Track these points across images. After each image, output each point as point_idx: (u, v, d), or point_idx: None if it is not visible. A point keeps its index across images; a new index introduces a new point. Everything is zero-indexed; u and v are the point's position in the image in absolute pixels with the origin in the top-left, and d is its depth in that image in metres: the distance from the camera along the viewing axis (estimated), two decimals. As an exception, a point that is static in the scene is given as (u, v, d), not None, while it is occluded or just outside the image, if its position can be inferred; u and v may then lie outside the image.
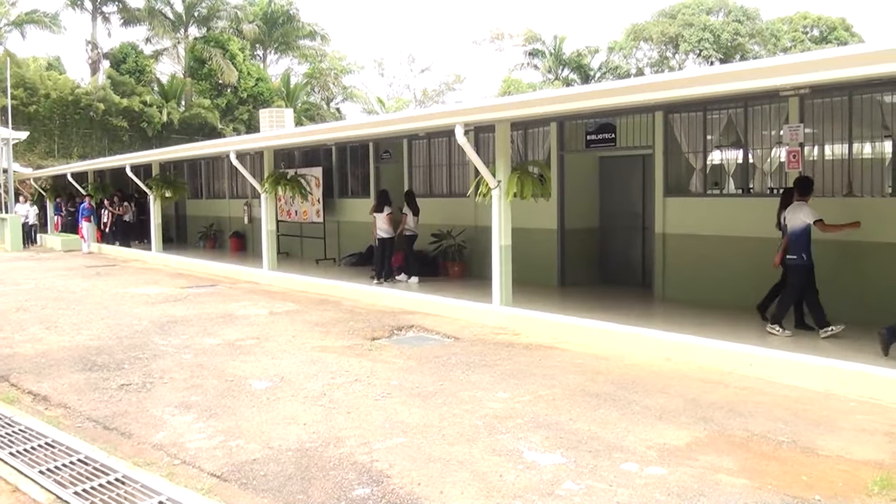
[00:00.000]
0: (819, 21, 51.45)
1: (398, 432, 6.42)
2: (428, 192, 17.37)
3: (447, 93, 57.29)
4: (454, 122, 11.39)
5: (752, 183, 12.15)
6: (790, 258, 9.60)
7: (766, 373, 8.14)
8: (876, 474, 5.38)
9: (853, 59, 7.41)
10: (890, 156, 10.68)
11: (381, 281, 15.20)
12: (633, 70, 51.05)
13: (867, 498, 5.06)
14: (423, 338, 10.72)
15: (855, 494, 5.11)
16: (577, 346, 9.75)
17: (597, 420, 6.68)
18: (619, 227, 14.63)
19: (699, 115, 12.21)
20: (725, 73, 8.84)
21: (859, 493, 5.13)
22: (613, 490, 5.16)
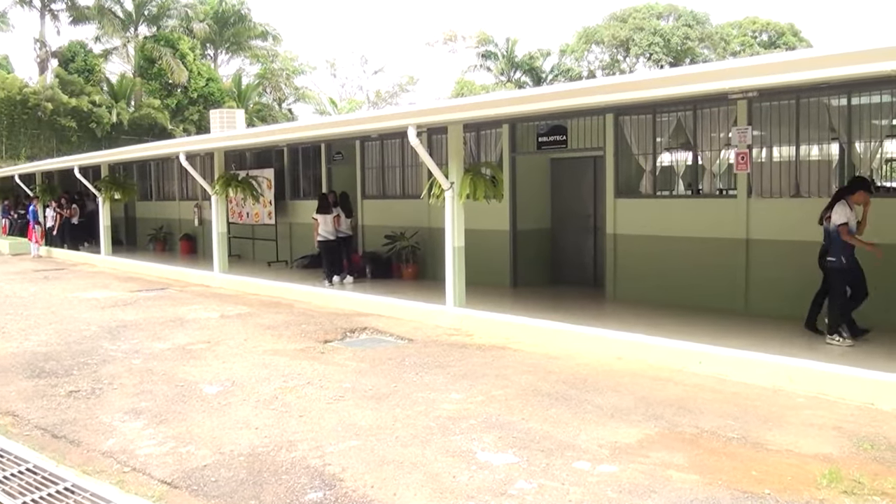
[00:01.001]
0: (768, 26, 52.39)
1: (351, 435, 6.40)
2: (381, 194, 17.34)
3: (400, 94, 57.25)
4: (407, 124, 11.39)
5: (701, 184, 12.33)
6: (829, 260, 9.11)
7: (715, 370, 8.27)
8: (824, 468, 5.50)
9: (800, 63, 7.58)
10: (837, 158, 10.93)
11: (328, 281, 15.34)
12: (585, 73, 51.50)
13: (816, 491, 5.16)
14: (377, 340, 10.69)
15: (804, 488, 5.21)
16: (530, 347, 9.81)
17: (549, 419, 6.73)
18: (571, 228, 14.75)
19: (649, 117, 12.36)
20: (675, 76, 8.97)
21: (808, 487, 5.23)
22: (566, 488, 5.20)
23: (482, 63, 53.16)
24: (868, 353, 8.32)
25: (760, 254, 11.04)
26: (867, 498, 5.03)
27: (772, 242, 10.91)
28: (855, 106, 10.33)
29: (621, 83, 9.48)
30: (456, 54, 63.60)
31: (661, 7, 50.83)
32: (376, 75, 64.58)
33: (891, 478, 5.35)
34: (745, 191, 11.24)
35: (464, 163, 12.03)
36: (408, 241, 15.88)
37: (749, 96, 10.49)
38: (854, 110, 10.34)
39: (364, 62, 59.81)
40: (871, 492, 5.12)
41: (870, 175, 10.70)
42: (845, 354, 8.29)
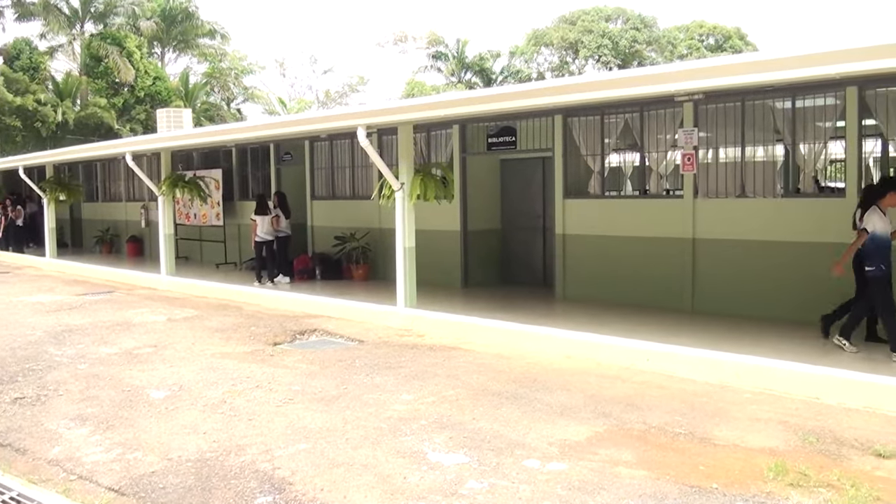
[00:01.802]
0: (715, 30, 53.18)
1: (301, 438, 6.35)
2: (331, 195, 17.26)
3: (350, 94, 56.96)
4: (356, 124, 11.35)
5: (648, 185, 12.49)
6: (868, 269, 8.46)
7: (663, 367, 8.39)
8: (771, 461, 5.60)
9: (745, 66, 7.73)
10: (781, 159, 11.16)
11: (271, 281, 15.43)
12: (535, 74, 51.78)
13: (763, 484, 5.26)
14: (327, 341, 10.63)
15: (751, 481, 5.31)
16: (481, 346, 9.84)
17: (500, 418, 6.75)
18: (521, 229, 14.83)
19: (597, 118, 12.49)
20: (622, 78, 9.08)
21: (755, 480, 5.33)
22: (516, 487, 5.22)
23: (433, 64, 53.17)
24: (812, 349, 8.51)
25: (706, 253, 11.23)
26: (813, 490, 5.14)
27: (717, 242, 11.10)
28: (799, 108, 10.56)
29: (570, 85, 9.56)
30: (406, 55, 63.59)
31: (610, 10, 51.33)
32: (326, 75, 64.28)
33: (836, 469, 5.47)
34: (691, 191, 11.41)
35: (414, 163, 12.02)
36: (358, 242, 15.82)
37: (695, 98, 10.66)
38: (798, 113, 10.57)
39: (314, 62, 59.51)
40: (817, 484, 5.23)
41: (814, 176, 10.97)
42: (793, 350, 8.45)
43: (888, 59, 6.51)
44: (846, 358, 8.13)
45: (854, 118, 9.98)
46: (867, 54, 6.62)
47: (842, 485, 5.20)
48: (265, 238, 15.46)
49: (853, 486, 5.14)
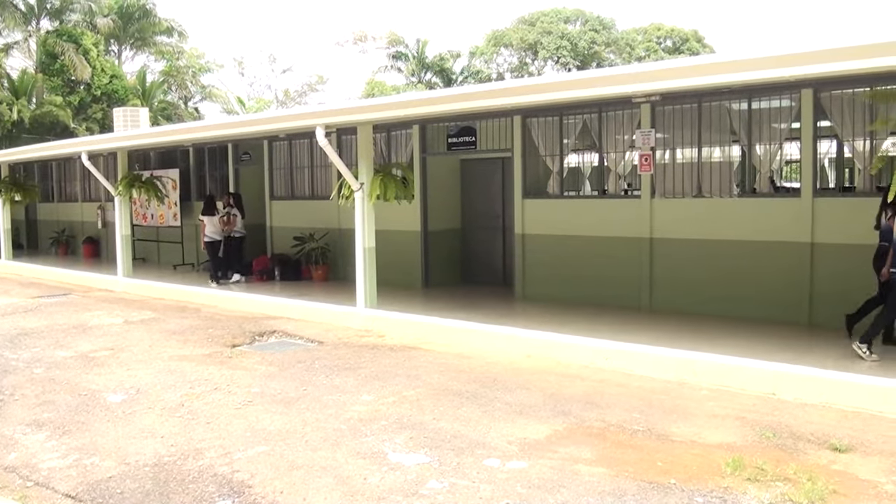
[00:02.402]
0: (672, 32, 53.72)
1: (260, 440, 6.30)
2: (290, 195, 17.15)
3: (310, 94, 56.59)
4: (315, 124, 11.30)
5: (606, 185, 12.59)
6: (892, 271, 8.18)
7: (622, 366, 8.47)
8: (728, 456, 5.68)
9: (702, 68, 7.84)
10: (738, 159, 11.31)
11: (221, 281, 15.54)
12: (494, 75, 51.88)
13: (721, 479, 5.33)
14: (286, 343, 10.56)
15: (709, 476, 5.38)
16: (441, 346, 9.84)
17: (460, 418, 6.77)
18: (481, 229, 14.86)
19: (556, 119, 12.56)
20: (581, 79, 9.17)
21: (713, 475, 5.40)
22: (476, 486, 5.24)
23: (393, 64, 53.05)
24: (768, 346, 8.63)
25: (664, 252, 11.35)
26: (770, 484, 5.22)
27: (675, 241, 11.23)
28: (755, 110, 10.72)
29: (529, 86, 9.61)
30: (366, 54, 63.36)
31: (569, 12, 51.62)
32: (285, 74, 63.82)
33: (792, 463, 5.57)
34: (648, 191, 11.53)
35: (374, 163, 11.99)
36: (317, 243, 15.74)
37: (652, 100, 10.77)
38: (754, 114, 10.72)
39: (272, 61, 58.88)
40: (774, 478, 5.32)
41: (770, 176, 11.14)
42: (749, 347, 8.56)
43: (842, 62, 6.64)
44: (801, 354, 8.26)
45: (809, 120, 10.15)
46: (821, 57, 6.75)
47: (798, 478, 5.29)
48: (214, 238, 15.58)
49: (810, 480, 5.23)
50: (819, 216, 10.01)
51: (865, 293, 9.25)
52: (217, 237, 15.64)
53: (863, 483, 5.27)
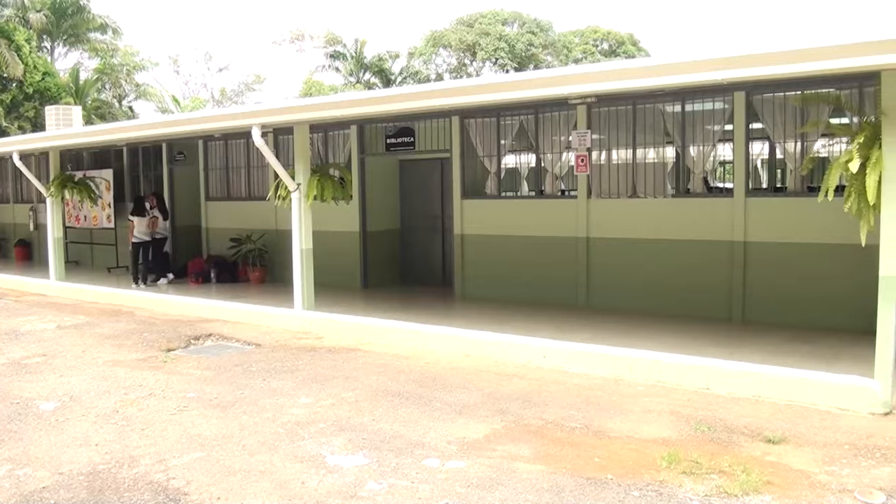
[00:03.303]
0: (608, 35, 54.42)
1: (196, 446, 6.19)
2: (226, 196, 16.92)
3: (246, 93, 55.92)
4: (251, 124, 11.15)
5: (544, 185, 12.70)
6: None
7: (559, 363, 8.54)
8: (664, 451, 5.78)
9: (636, 71, 7.95)
10: (672, 160, 11.52)
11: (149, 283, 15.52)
12: (433, 76, 51.94)
13: (657, 473, 5.41)
14: (223, 346, 10.40)
15: (645, 471, 5.46)
16: (380, 347, 9.81)
17: (399, 419, 6.75)
18: (420, 229, 14.86)
19: (493, 120, 12.62)
20: (518, 81, 9.22)
21: (649, 470, 5.48)
22: (415, 486, 5.22)
23: (330, 63, 52.69)
24: (702, 342, 8.80)
25: (600, 251, 11.50)
26: (705, 476, 5.32)
27: (610, 240, 11.39)
28: (689, 112, 10.93)
29: (467, 86, 9.63)
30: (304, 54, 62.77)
31: (507, 14, 51.92)
32: (221, 73, 62.97)
33: (727, 456, 5.68)
34: (585, 192, 11.67)
35: (311, 164, 11.89)
36: (254, 244, 15.57)
37: (588, 101, 10.87)
38: (688, 116, 10.94)
39: (208, 59, 58.06)
40: (709, 470, 5.42)
41: (703, 177, 11.37)
42: (683, 344, 8.71)
43: (772, 67, 6.80)
44: (734, 349, 8.43)
45: (742, 122, 10.39)
46: (753, 61, 6.89)
47: (733, 471, 5.39)
48: (142, 239, 15.53)
49: (744, 472, 5.34)
50: (751, 215, 10.26)
51: (796, 289, 9.52)
52: (146, 238, 15.58)
53: (796, 473, 5.40)
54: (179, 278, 16.14)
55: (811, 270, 9.81)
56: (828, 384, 7.04)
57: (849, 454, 5.76)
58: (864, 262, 7.79)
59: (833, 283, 9.61)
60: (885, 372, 6.74)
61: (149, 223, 15.57)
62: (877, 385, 6.76)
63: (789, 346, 8.79)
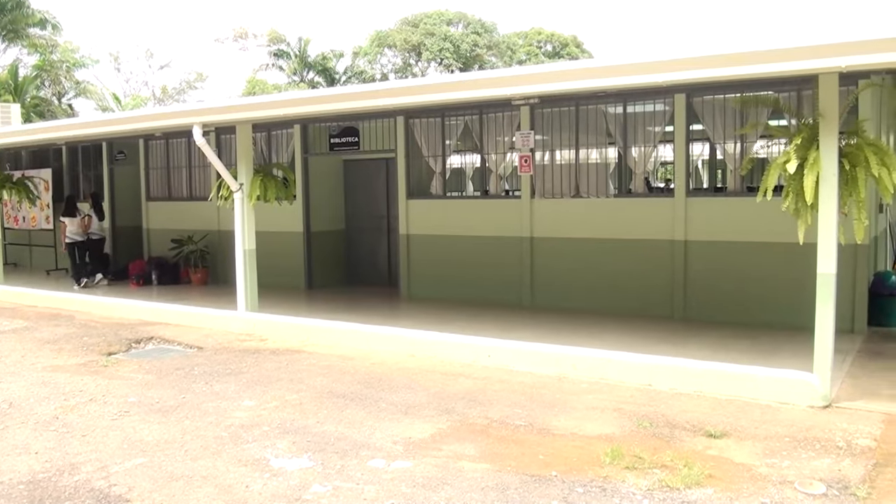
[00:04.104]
0: (552, 37, 54.86)
1: (137, 452, 6.08)
2: (167, 196, 16.66)
3: (188, 91, 55.03)
4: (192, 123, 10.99)
5: (488, 186, 12.76)
6: None
7: (504, 362, 8.58)
8: (607, 447, 5.83)
9: (579, 73, 8.04)
10: (614, 161, 11.67)
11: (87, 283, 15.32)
12: (378, 75, 51.80)
13: (600, 469, 5.47)
14: (164, 349, 10.24)
15: (589, 467, 5.51)
16: (325, 349, 9.75)
17: (344, 420, 6.72)
18: (365, 229, 14.82)
19: (438, 120, 12.64)
20: (463, 81, 9.25)
21: (593, 466, 5.53)
22: (360, 488, 5.20)
23: (274, 62, 52.16)
24: (644, 339, 8.93)
25: (544, 251, 11.60)
26: (648, 471, 5.39)
27: (554, 240, 11.49)
28: (630, 113, 11.08)
29: (412, 86, 9.63)
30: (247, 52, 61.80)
31: (451, 14, 52.01)
32: (163, 71, 61.91)
33: (669, 451, 5.77)
34: (528, 192, 11.75)
35: (254, 163, 11.77)
36: (196, 245, 15.36)
37: (531, 102, 10.97)
38: (630, 117, 11.09)
39: (150, 56, 56.93)
40: (651, 465, 5.50)
41: (645, 177, 11.53)
42: (626, 341, 8.82)
43: (712, 69, 6.94)
44: (676, 346, 8.58)
45: (682, 123, 10.58)
46: (692, 64, 7.01)
47: (675, 465, 5.48)
48: (75, 239, 15.31)
49: (686, 466, 5.43)
50: (692, 215, 10.44)
51: (736, 287, 9.72)
52: (79, 238, 15.36)
53: (737, 466, 5.50)
54: (120, 280, 15.83)
55: (751, 268, 10.02)
56: (768, 379, 7.19)
57: (789, 447, 5.89)
58: (802, 260, 7.97)
59: (772, 280, 9.83)
60: (824, 366, 6.91)
61: (80, 223, 15.33)
62: (815, 379, 6.93)
63: (730, 342, 8.98)
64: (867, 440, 6.01)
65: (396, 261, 13.61)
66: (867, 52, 6.10)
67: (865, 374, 7.79)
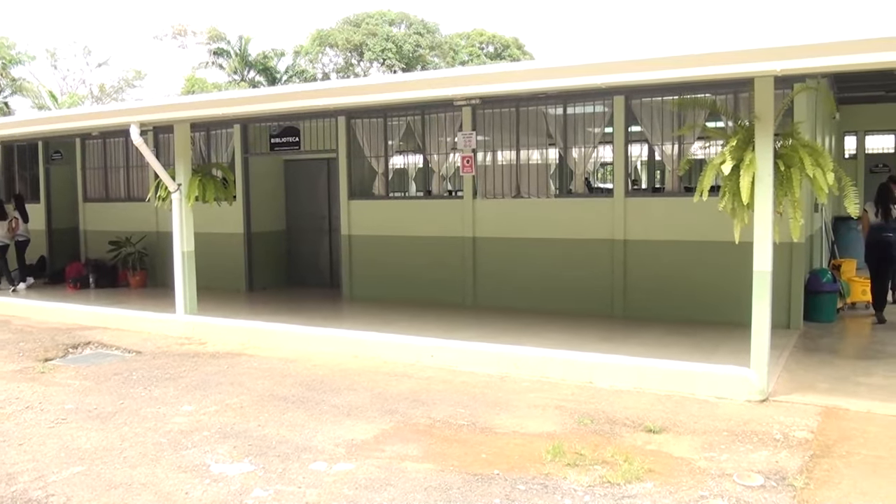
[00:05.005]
0: (494, 39, 55.11)
1: (76, 460, 5.95)
2: (104, 196, 16.33)
3: (127, 89, 53.93)
4: (129, 122, 10.78)
5: (431, 186, 12.78)
6: None
7: (447, 362, 8.60)
8: (548, 444, 5.89)
9: (520, 74, 8.10)
10: (555, 162, 11.78)
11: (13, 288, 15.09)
12: (320, 75, 51.43)
13: (542, 466, 5.52)
14: (102, 354, 10.03)
15: (531, 465, 5.56)
16: (266, 351, 9.66)
17: (285, 423, 6.66)
18: (307, 230, 14.72)
19: (380, 121, 12.62)
20: (405, 82, 9.24)
21: (535, 463, 5.58)
22: (302, 491, 5.17)
23: (214, 60, 51.40)
24: (585, 337, 9.04)
25: (486, 251, 11.66)
26: (589, 468, 5.46)
27: (496, 240, 11.57)
28: (571, 115, 11.20)
29: (353, 86, 9.60)
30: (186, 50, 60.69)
31: (394, 14, 51.88)
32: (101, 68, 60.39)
33: (609, 447, 5.85)
34: (470, 192, 11.81)
35: (193, 164, 11.61)
36: (134, 247, 15.09)
37: (473, 103, 11.01)
38: (570, 119, 11.21)
39: (88, 54, 55.67)
40: (592, 461, 5.57)
41: (585, 178, 11.66)
42: (567, 339, 8.91)
43: (650, 72, 7.04)
44: (617, 344, 8.69)
45: (621, 125, 10.74)
46: (631, 67, 7.12)
47: (616, 461, 5.56)
48: (4, 243, 15.06)
49: (626, 461, 5.52)
50: (631, 215, 10.61)
51: (675, 285, 9.89)
52: (6, 241, 15.07)
53: (676, 461, 5.60)
54: (57, 283, 15.47)
55: (689, 267, 10.21)
56: (707, 374, 7.34)
57: (727, 440, 6.02)
58: (739, 259, 8.15)
59: (710, 278, 10.04)
60: (761, 361, 7.07)
61: (9, 226, 14.99)
62: (753, 374, 7.09)
63: (669, 339, 9.15)
64: (804, 432, 6.18)
65: (338, 261, 13.55)
66: (802, 57, 6.26)
67: (801, 369, 8.01)
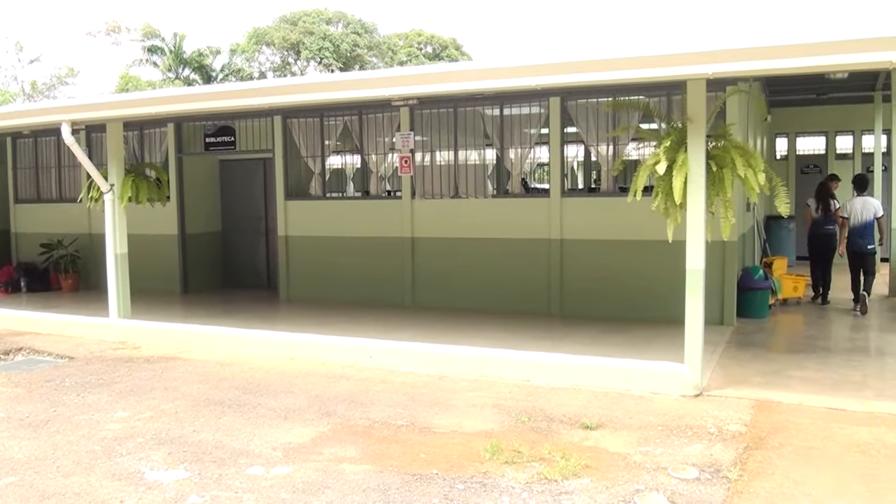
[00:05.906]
0: (432, 39, 55.18)
1: (7, 471, 5.77)
2: (36, 197, 15.90)
3: (59, 87, 52.57)
4: (60, 120, 10.50)
5: (369, 186, 12.74)
6: (872, 247, 10.96)
7: (385, 363, 8.60)
8: (487, 443, 5.93)
9: (457, 75, 8.14)
10: (492, 162, 11.85)
11: None
12: (256, 74, 50.86)
13: (480, 465, 5.55)
14: (34, 361, 9.77)
15: (469, 463, 5.59)
16: (201, 355, 9.52)
17: (221, 428, 6.58)
18: (243, 231, 14.55)
19: (317, 120, 12.54)
20: (341, 81, 9.22)
21: (473, 462, 5.61)
22: (239, 496, 5.11)
23: (148, 58, 50.40)
24: (520, 336, 9.12)
25: (425, 251, 11.68)
26: (526, 465, 5.51)
27: (435, 240, 11.60)
28: (507, 116, 11.29)
29: (289, 85, 9.54)
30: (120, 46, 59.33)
31: (331, 13, 51.56)
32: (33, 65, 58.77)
33: (547, 444, 5.91)
34: (409, 192, 11.81)
35: (126, 163, 11.37)
36: (66, 250, 14.73)
37: (410, 104, 11.03)
38: (507, 120, 11.29)
39: (19, 50, 54.08)
40: (530, 458, 5.62)
41: (522, 178, 11.77)
42: (504, 338, 8.99)
43: (584, 74, 7.14)
44: (554, 342, 8.79)
45: (557, 126, 10.85)
46: (566, 69, 7.21)
47: (553, 457, 5.62)
48: None
49: (563, 458, 5.58)
50: (567, 215, 10.73)
51: (610, 284, 10.04)
52: None
53: (613, 456, 5.69)
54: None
55: (624, 265, 10.38)
56: (641, 370, 7.46)
57: (662, 435, 6.14)
58: (672, 257, 8.30)
59: (645, 276, 10.22)
60: (694, 357, 7.22)
61: None
62: (686, 369, 7.24)
63: (605, 336, 9.29)
64: (738, 425, 6.32)
65: (275, 263, 13.43)
66: (732, 61, 6.42)
67: (735, 364, 8.21)
